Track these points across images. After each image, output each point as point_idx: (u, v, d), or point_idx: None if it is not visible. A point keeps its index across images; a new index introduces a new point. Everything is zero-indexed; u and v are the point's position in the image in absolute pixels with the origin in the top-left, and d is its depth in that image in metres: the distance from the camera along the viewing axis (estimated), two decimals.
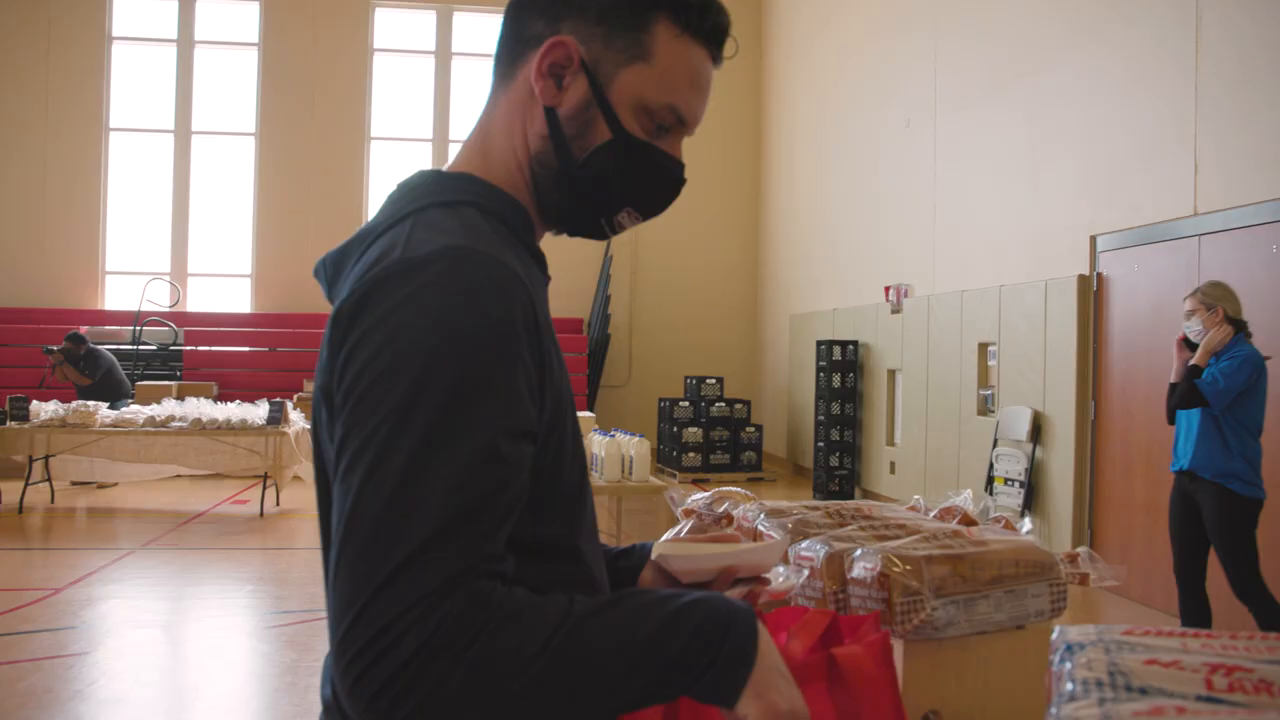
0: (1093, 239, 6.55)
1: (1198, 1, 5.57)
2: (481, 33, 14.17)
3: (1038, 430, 6.91)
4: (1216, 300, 4.37)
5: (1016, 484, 6.95)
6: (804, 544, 1.63)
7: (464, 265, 0.90)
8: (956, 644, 1.47)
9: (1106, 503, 6.44)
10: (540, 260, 1.08)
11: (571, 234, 1.11)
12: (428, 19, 13.96)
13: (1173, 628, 1.04)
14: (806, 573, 1.58)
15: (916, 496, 2.04)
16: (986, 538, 1.58)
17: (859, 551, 1.52)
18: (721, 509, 2.25)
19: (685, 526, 1.55)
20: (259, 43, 13.49)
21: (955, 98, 8.47)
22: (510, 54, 1.07)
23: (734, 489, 2.29)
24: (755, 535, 1.83)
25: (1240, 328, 4.38)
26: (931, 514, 1.91)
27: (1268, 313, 5.15)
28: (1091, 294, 6.54)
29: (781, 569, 1.71)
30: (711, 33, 1.04)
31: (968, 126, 8.25)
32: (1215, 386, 4.20)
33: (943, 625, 1.44)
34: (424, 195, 1.01)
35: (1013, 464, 7.07)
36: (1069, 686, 0.91)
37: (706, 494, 2.26)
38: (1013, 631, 1.51)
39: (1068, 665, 0.95)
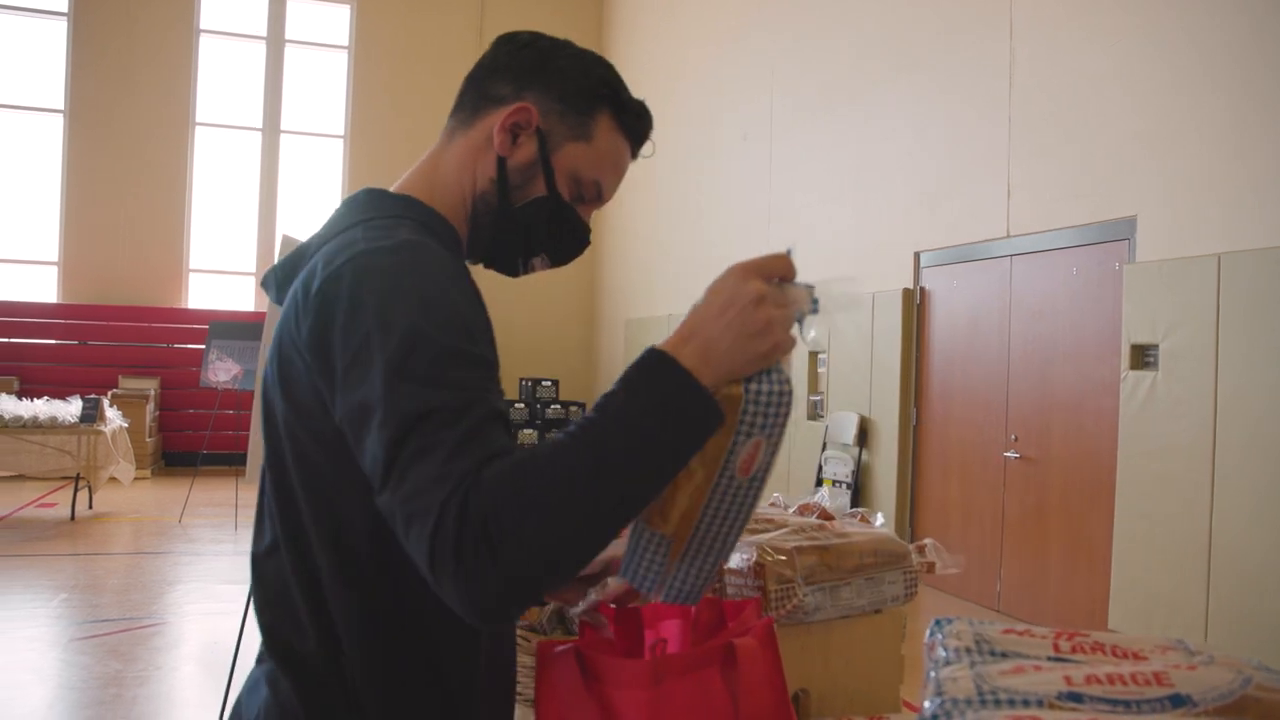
0: (916, 255, 7.01)
1: (1012, 45, 6.06)
2: (316, 22, 13.72)
3: (864, 435, 7.33)
4: None
5: (844, 485, 7.34)
6: None
7: (421, 249, 1.05)
8: (823, 628, 1.60)
9: (925, 502, 6.91)
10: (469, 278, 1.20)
11: (488, 266, 1.27)
12: (259, 3, 13.40)
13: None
14: None
15: (776, 494, 2.17)
16: (848, 530, 1.72)
17: None
18: None
19: None
20: (69, 13, 12.59)
21: (790, 115, 8.86)
22: (474, 106, 1.22)
23: None
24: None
25: None
26: (791, 510, 2.05)
27: (1067, 326, 5.67)
28: (915, 307, 7.00)
29: None
30: (639, 134, 1.26)
31: (802, 143, 8.64)
32: None
33: (811, 610, 1.56)
34: (370, 209, 1.15)
35: (841, 466, 7.46)
36: (942, 653, 1.04)
37: None
38: (871, 615, 1.65)
39: (939, 637, 1.08)
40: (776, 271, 0.98)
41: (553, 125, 1.19)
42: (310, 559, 1.07)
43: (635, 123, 1.25)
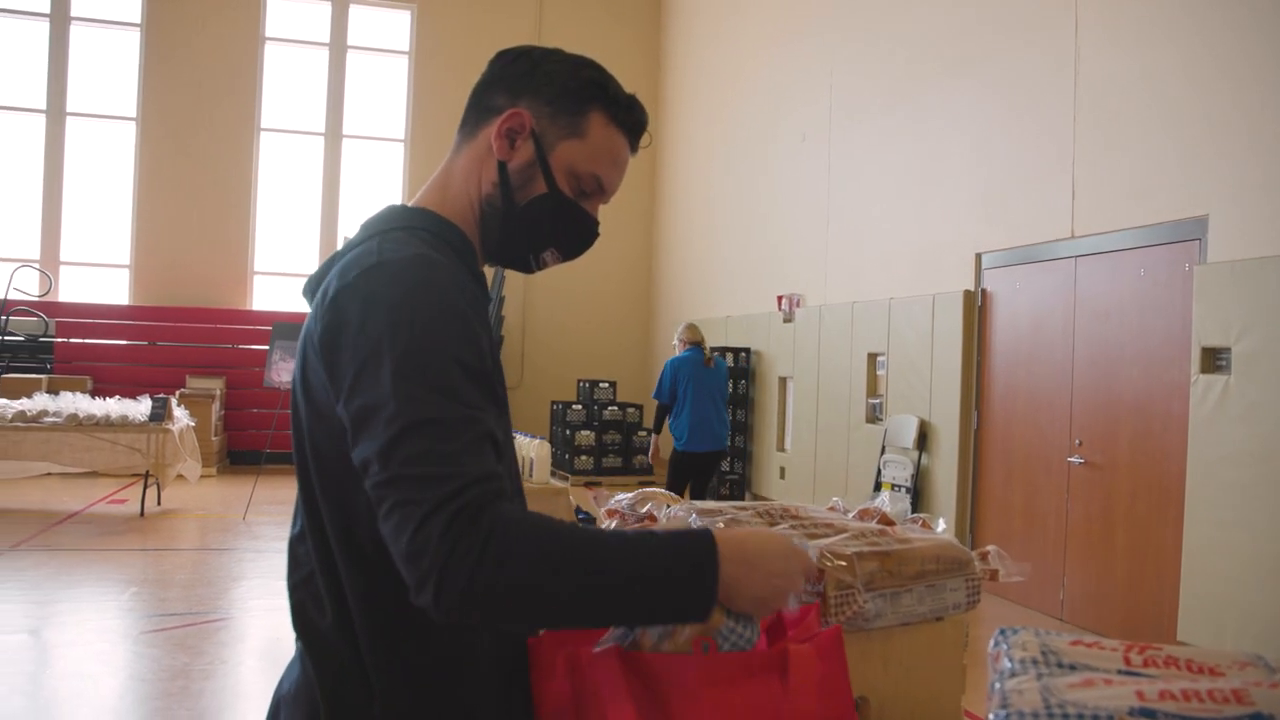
0: (978, 256, 6.89)
1: (1077, 40, 5.94)
2: (377, 28, 13.93)
3: (924, 438, 7.22)
4: (680, 335, 7.41)
5: (903, 489, 7.24)
6: None
7: (433, 264, 1.15)
8: (883, 634, 1.57)
9: (987, 507, 6.78)
10: (481, 283, 1.31)
11: (504, 265, 1.36)
12: (322, 10, 13.65)
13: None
14: None
15: (835, 498, 2.15)
16: (909, 536, 1.69)
17: None
18: (645, 509, 2.31)
19: (610, 526, 1.61)
20: (141, 23, 12.95)
21: (849, 116, 8.78)
22: (475, 118, 1.31)
23: (658, 490, 2.36)
24: None
25: (698, 345, 7.32)
26: (850, 515, 2.02)
27: (1134, 329, 5.53)
28: (976, 309, 6.88)
29: None
30: (632, 126, 1.32)
31: (861, 144, 8.55)
32: (655, 394, 7.37)
33: (872, 617, 1.54)
34: (389, 222, 1.25)
35: (900, 470, 7.37)
36: (1007, 664, 1.02)
37: (630, 495, 2.32)
38: (932, 623, 1.63)
39: (1004, 647, 1.06)
40: (811, 578, 1.21)
41: (546, 127, 1.27)
42: (327, 544, 1.16)
43: (627, 116, 1.31)
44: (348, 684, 1.16)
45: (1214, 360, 4.90)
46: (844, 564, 1.52)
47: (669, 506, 2.26)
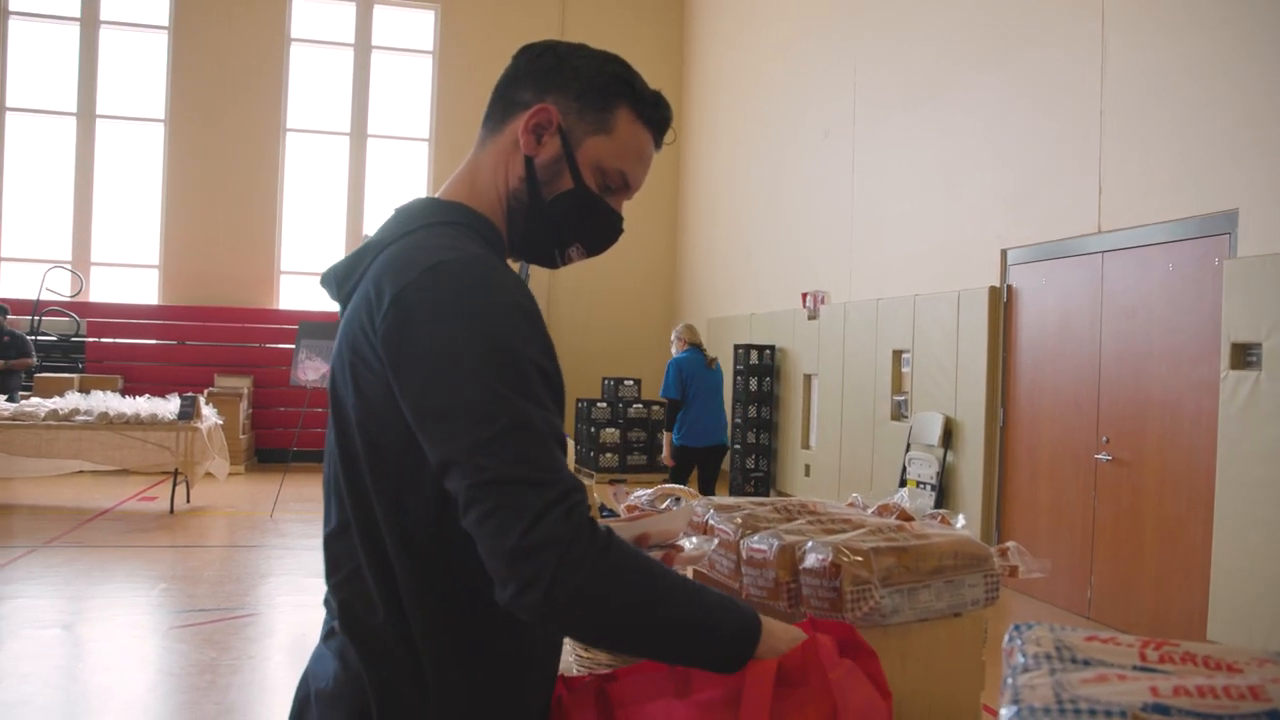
0: (1003, 252, 6.84)
1: (1103, 33, 5.87)
2: (402, 27, 14.00)
3: (949, 435, 7.18)
4: (680, 335, 7.71)
5: (928, 487, 7.20)
6: (755, 538, 1.71)
7: (494, 265, 1.16)
8: (900, 630, 1.57)
9: (1013, 505, 6.73)
10: None
11: (529, 260, 1.36)
12: (347, 11, 13.74)
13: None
14: (717, 541, 1.71)
15: (855, 495, 2.14)
16: (927, 531, 1.68)
17: (810, 544, 1.60)
18: (664, 505, 2.31)
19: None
20: (169, 26, 13.10)
21: (873, 111, 8.73)
22: (501, 112, 1.31)
23: (678, 486, 2.36)
24: (705, 529, 1.91)
25: (696, 346, 7.65)
26: (870, 510, 2.01)
27: (1163, 324, 5.47)
28: (1002, 305, 6.82)
29: (695, 537, 1.82)
30: (658, 123, 1.33)
31: (884, 140, 8.50)
32: (665, 392, 7.60)
33: (889, 613, 1.53)
34: (428, 215, 1.25)
35: (925, 468, 7.33)
36: (1020, 659, 1.01)
37: (649, 491, 2.32)
38: (951, 619, 1.61)
39: (1018, 642, 1.05)
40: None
41: (573, 122, 1.27)
42: (379, 538, 1.15)
43: (653, 112, 1.31)
44: (402, 682, 1.15)
45: (1244, 356, 4.83)
46: (860, 559, 1.51)
47: (681, 501, 2.26)
